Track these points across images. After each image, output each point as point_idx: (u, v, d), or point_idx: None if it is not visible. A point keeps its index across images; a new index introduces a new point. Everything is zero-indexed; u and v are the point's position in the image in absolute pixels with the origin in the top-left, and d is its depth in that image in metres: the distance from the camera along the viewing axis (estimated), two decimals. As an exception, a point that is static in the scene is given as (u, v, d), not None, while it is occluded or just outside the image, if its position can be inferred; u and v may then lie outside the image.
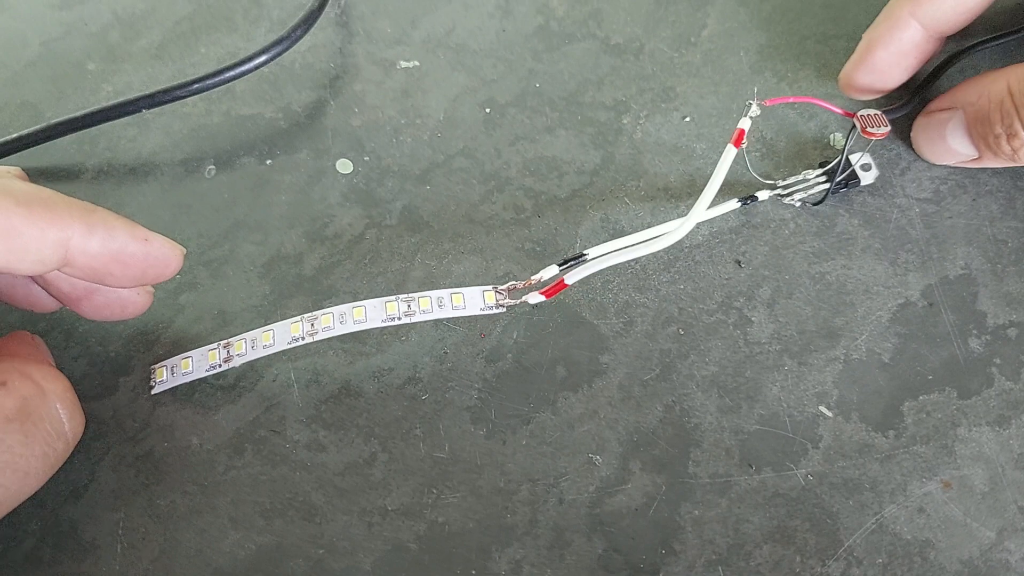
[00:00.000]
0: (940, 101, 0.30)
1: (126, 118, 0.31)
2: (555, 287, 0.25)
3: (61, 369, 0.26)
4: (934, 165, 0.29)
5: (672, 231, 0.23)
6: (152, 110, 0.31)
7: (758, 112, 0.26)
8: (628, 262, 0.27)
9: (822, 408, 0.24)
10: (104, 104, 0.31)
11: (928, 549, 0.22)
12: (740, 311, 0.26)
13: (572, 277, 0.24)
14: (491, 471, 0.24)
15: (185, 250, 0.24)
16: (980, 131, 0.28)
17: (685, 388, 0.25)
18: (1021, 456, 0.23)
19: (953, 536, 0.22)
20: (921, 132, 0.29)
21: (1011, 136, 0.27)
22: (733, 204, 0.28)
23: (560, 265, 0.25)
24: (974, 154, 0.28)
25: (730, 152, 0.25)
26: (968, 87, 0.29)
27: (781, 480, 0.23)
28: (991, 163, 0.28)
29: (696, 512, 0.23)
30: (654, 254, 0.28)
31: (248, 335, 0.25)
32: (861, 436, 0.24)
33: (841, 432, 0.24)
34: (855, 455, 0.24)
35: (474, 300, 0.25)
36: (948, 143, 0.29)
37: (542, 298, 0.25)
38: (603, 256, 0.24)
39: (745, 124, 0.26)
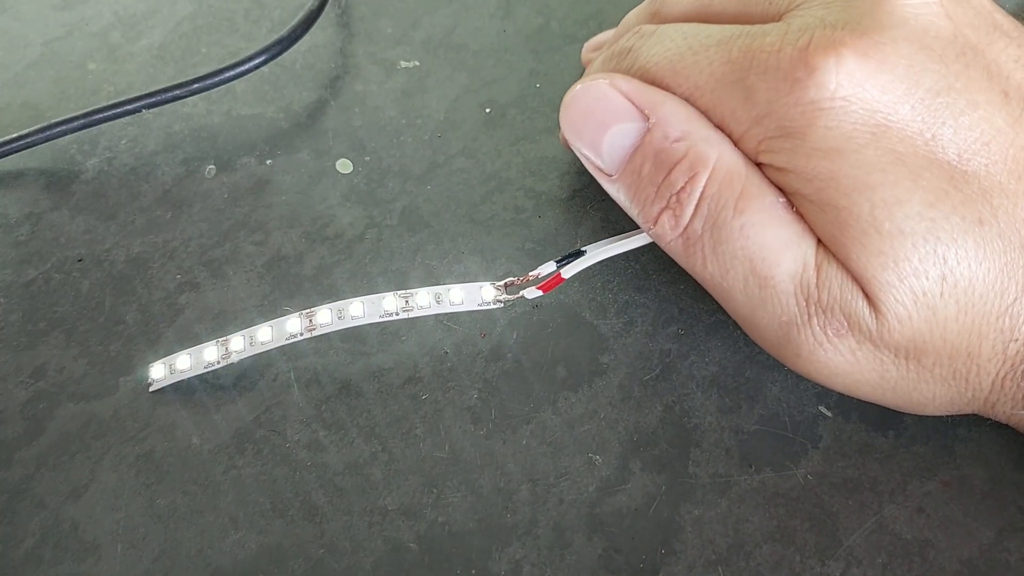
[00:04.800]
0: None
1: (126, 118, 0.31)
2: (552, 282, 0.25)
3: (61, 369, 0.26)
4: None
5: None
6: (152, 110, 0.31)
7: None
8: (628, 262, 0.27)
9: (822, 408, 0.24)
10: (104, 104, 0.31)
11: (928, 549, 0.22)
12: (740, 311, 0.26)
13: (568, 271, 0.24)
14: (491, 471, 0.24)
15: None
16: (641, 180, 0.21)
17: (685, 388, 0.25)
18: (1021, 456, 0.23)
19: (953, 536, 0.22)
20: (581, 101, 0.22)
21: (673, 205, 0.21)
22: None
23: (558, 261, 0.25)
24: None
25: None
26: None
27: (781, 480, 0.23)
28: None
29: (696, 512, 0.23)
30: (654, 254, 0.28)
31: (246, 332, 0.25)
32: (861, 436, 0.24)
33: (841, 432, 0.24)
34: (855, 455, 0.24)
35: (472, 296, 0.25)
36: (597, 145, 0.22)
37: (539, 293, 0.25)
38: (600, 250, 0.24)
39: None
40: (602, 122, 0.22)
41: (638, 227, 0.25)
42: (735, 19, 0.22)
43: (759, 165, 0.21)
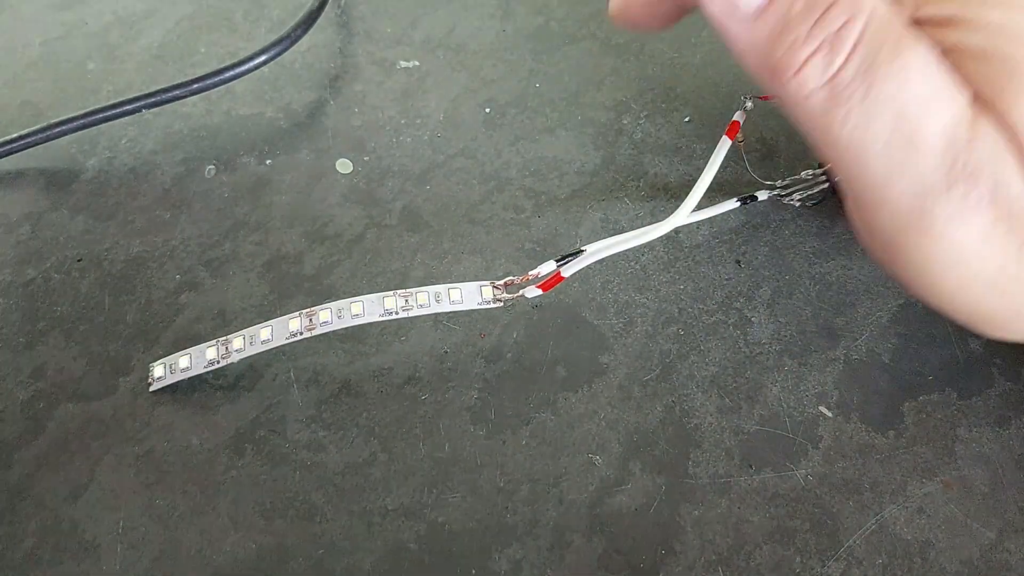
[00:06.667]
0: None
1: (126, 118, 0.31)
2: (552, 280, 0.25)
3: (61, 369, 0.26)
4: None
5: (669, 218, 0.23)
6: (152, 110, 0.31)
7: (751, 106, 0.26)
8: (628, 262, 0.27)
9: (822, 408, 0.24)
10: (104, 104, 0.31)
11: (928, 549, 0.22)
12: (740, 311, 0.26)
13: (568, 270, 0.24)
14: (491, 471, 0.24)
15: None
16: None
17: (685, 388, 0.25)
18: (1021, 456, 0.23)
19: (953, 536, 0.22)
20: None
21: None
22: (733, 204, 0.28)
23: (557, 261, 0.25)
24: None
25: (724, 143, 0.26)
26: None
27: (781, 480, 0.23)
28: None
29: (696, 512, 0.23)
30: (654, 254, 0.27)
31: (247, 331, 0.25)
32: (861, 436, 0.24)
33: (841, 432, 0.24)
34: (855, 455, 0.24)
35: (472, 295, 0.25)
36: None
37: (539, 292, 0.25)
38: (600, 249, 0.24)
39: (739, 117, 0.26)
40: None
41: (638, 227, 0.25)
42: None
43: (917, 22, 0.20)
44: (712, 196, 0.23)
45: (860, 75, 0.19)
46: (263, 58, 0.31)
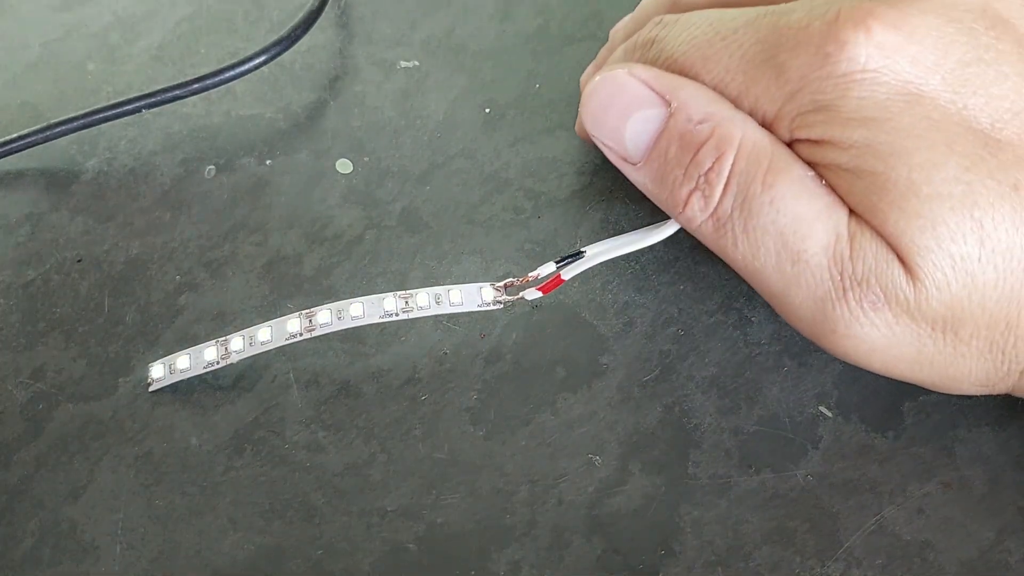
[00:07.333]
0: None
1: (126, 118, 0.31)
2: (552, 283, 0.25)
3: (60, 370, 0.26)
4: None
5: (670, 221, 0.24)
6: (152, 110, 0.31)
7: None
8: (628, 263, 0.27)
9: (822, 408, 0.24)
10: (104, 104, 0.31)
11: (927, 550, 0.22)
12: (740, 311, 0.26)
13: (568, 272, 0.24)
14: (490, 472, 0.24)
15: None
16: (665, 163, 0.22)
17: (685, 389, 0.25)
18: (1021, 457, 0.23)
19: (952, 537, 0.22)
20: (601, 91, 0.23)
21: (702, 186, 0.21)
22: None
23: (557, 262, 0.25)
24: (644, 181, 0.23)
25: None
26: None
27: (781, 481, 0.23)
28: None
29: (695, 513, 0.23)
30: (654, 254, 0.27)
31: (246, 332, 0.25)
32: (861, 437, 0.24)
33: (841, 433, 0.24)
34: (855, 456, 0.24)
35: (472, 296, 0.25)
36: (620, 134, 0.22)
37: (539, 294, 0.25)
38: (600, 252, 0.24)
39: None
40: (623, 111, 0.22)
41: (639, 227, 0.25)
42: (758, 0, 0.22)
43: (795, 142, 0.21)
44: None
45: (738, 207, 0.21)
46: (263, 58, 0.31)
